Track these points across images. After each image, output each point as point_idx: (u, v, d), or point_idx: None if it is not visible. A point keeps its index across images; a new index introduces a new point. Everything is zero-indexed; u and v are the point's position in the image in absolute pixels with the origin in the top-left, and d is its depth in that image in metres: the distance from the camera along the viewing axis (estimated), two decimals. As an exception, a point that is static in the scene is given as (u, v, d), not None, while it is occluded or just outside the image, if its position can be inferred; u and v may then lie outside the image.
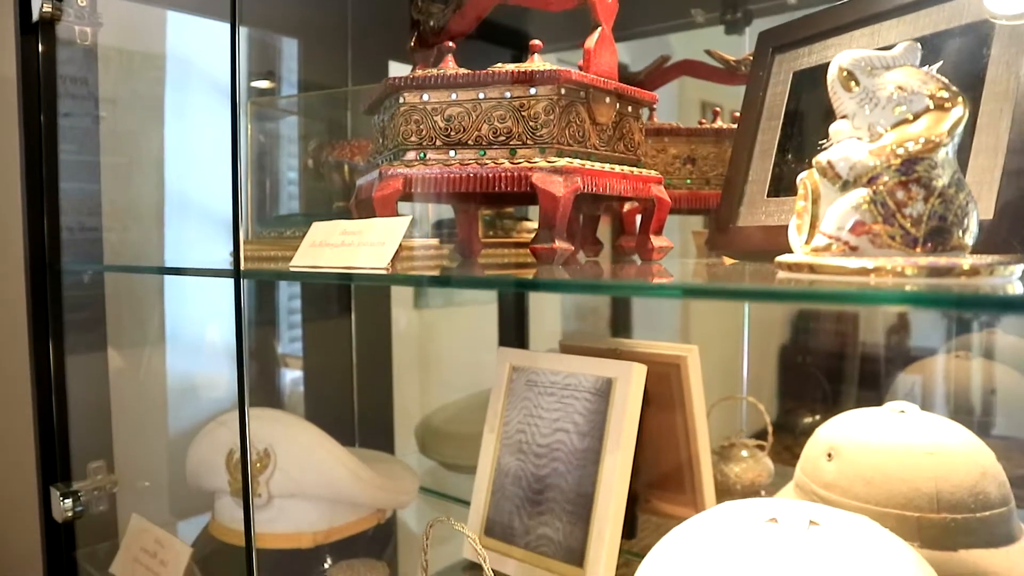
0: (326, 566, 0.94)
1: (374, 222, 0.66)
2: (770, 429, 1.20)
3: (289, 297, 1.57)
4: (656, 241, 0.81)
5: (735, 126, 0.95)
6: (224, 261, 0.83)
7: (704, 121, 1.07)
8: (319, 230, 0.71)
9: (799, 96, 0.78)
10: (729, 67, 1.11)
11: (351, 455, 1.00)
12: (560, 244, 0.67)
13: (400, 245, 0.62)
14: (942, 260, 0.40)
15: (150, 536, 0.96)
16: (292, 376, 1.50)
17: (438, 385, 1.67)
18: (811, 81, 0.77)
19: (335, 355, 1.46)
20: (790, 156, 0.76)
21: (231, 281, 0.74)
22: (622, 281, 0.65)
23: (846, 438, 0.85)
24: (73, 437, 1.09)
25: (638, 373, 0.89)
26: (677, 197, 0.99)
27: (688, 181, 1.04)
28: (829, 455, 0.85)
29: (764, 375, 1.60)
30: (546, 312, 1.81)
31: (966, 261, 0.40)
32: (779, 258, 0.49)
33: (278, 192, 1.25)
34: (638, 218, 0.91)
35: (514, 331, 1.63)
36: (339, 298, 1.48)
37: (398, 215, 0.67)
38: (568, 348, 1.03)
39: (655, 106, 1.04)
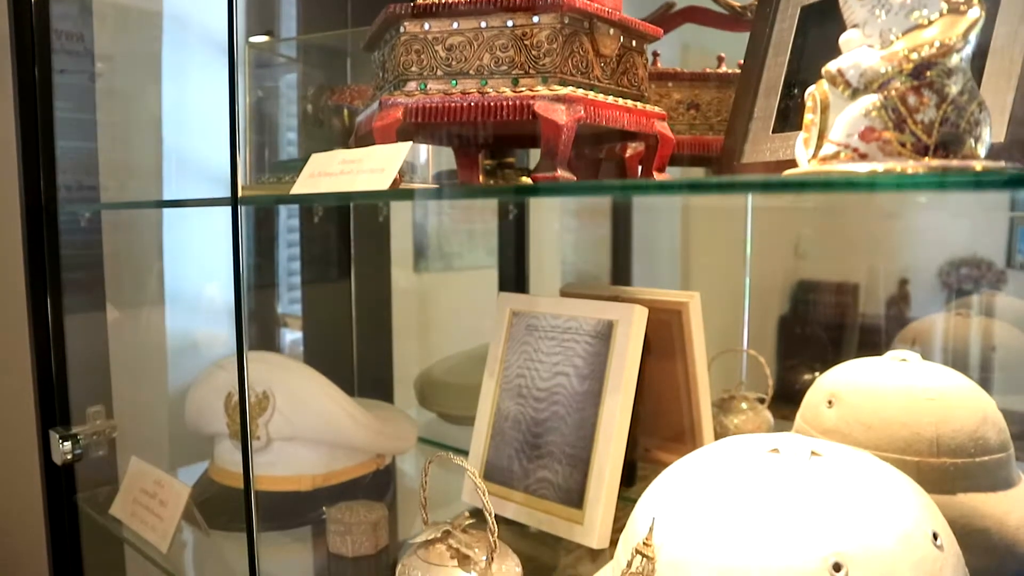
0: (325, 508, 0.93)
1: (373, 149, 0.65)
2: (770, 382, 1.20)
3: (289, 259, 1.56)
4: (659, 178, 0.80)
5: (739, 71, 0.93)
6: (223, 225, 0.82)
7: (709, 70, 1.05)
8: (317, 160, 0.70)
9: (807, 31, 0.77)
10: (735, 13, 1.09)
11: (350, 399, 1.00)
12: (562, 173, 0.66)
13: (399, 173, 0.61)
14: (954, 163, 0.39)
15: (149, 477, 0.96)
16: (292, 336, 1.50)
17: (437, 345, 1.66)
18: (819, 15, 0.76)
19: (335, 317, 1.46)
20: (796, 91, 0.74)
21: (231, 245, 0.73)
22: (626, 181, 0.64)
23: (847, 385, 0.85)
24: (72, 382, 1.09)
25: (639, 315, 0.88)
26: (680, 143, 0.98)
27: (691, 127, 1.03)
28: (829, 402, 0.85)
29: (765, 333, 1.59)
30: (545, 271, 1.80)
31: (979, 164, 0.39)
32: (785, 173, 0.48)
33: (277, 140, 1.24)
34: (639, 169, 0.90)
35: (514, 291, 1.62)
36: (339, 261, 1.48)
37: (398, 146, 0.66)
38: (568, 294, 1.02)
39: (658, 54, 1.02)
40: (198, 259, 1.36)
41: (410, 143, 0.63)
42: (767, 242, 1.54)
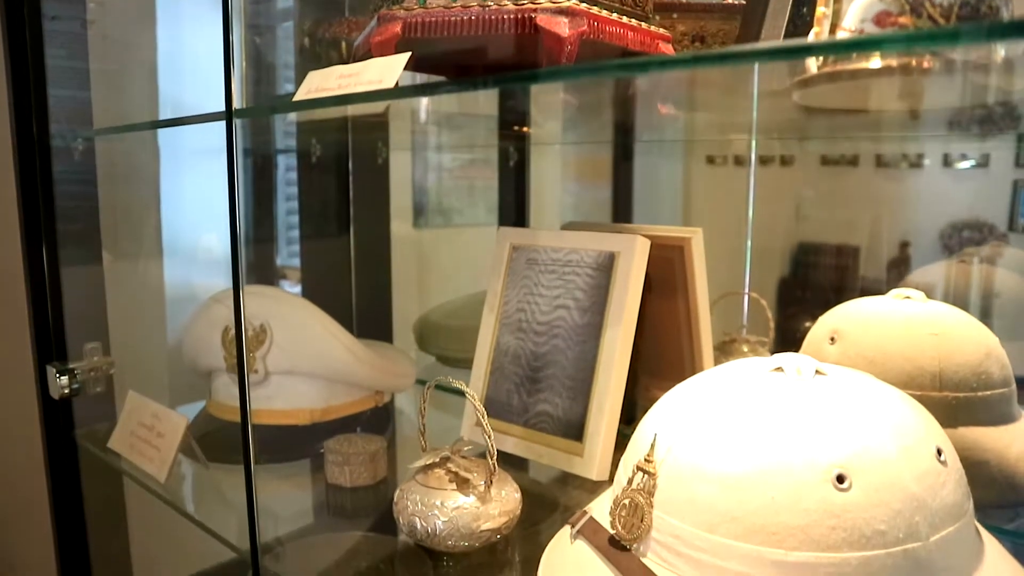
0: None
1: (371, 62, 0.63)
2: (771, 325, 1.19)
3: (288, 212, 1.55)
4: (663, 110, 0.78)
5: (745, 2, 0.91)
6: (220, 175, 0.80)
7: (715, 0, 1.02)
8: (315, 77, 0.68)
9: (817, -51, 0.75)
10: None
11: (349, 334, 0.99)
12: (564, 96, 0.65)
13: (397, 81, 0.60)
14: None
15: (147, 410, 0.95)
16: (291, 290, 1.49)
17: (436, 299, 1.65)
18: (830, -68, 0.73)
19: (334, 271, 1.45)
20: (805, 10, 0.72)
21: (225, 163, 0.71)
22: (625, 60, 0.63)
23: (850, 321, 0.84)
24: (68, 319, 1.08)
25: (641, 246, 0.87)
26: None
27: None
28: (832, 338, 0.84)
29: (766, 279, 1.58)
30: (545, 218, 1.79)
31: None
32: (796, 79, 0.47)
33: (274, 76, 1.22)
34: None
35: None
36: (338, 216, 1.46)
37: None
38: (569, 229, 1.01)
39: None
40: (196, 201, 1.34)
41: (409, 53, 0.61)
42: (768, 205, 1.53)
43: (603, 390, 0.85)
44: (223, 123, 0.71)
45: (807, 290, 1.64)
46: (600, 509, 0.63)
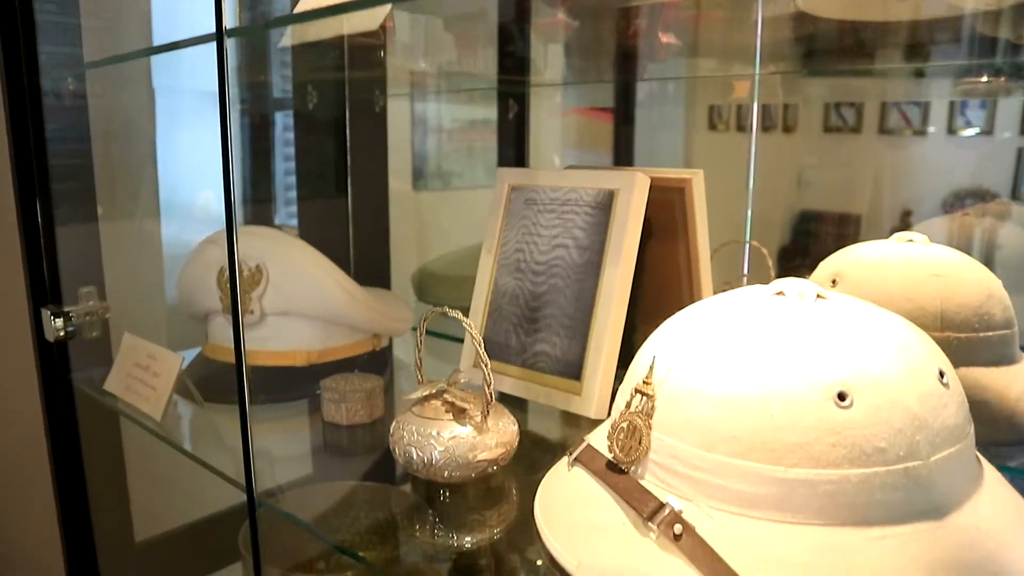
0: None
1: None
2: (772, 274, 1.18)
3: (286, 172, 1.54)
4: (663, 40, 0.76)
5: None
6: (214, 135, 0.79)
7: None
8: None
9: None
10: None
11: (346, 276, 0.98)
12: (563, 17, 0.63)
13: None
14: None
15: (142, 350, 0.95)
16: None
17: (436, 248, 1.64)
18: None
19: (332, 231, 1.43)
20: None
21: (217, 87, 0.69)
22: None
23: (852, 263, 0.83)
24: (62, 264, 1.07)
25: (641, 183, 0.86)
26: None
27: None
28: (833, 281, 0.83)
29: (767, 247, 1.57)
30: (545, 160, 1.77)
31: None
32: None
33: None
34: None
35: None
36: (337, 177, 1.44)
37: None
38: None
39: None
40: (192, 151, 1.33)
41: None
42: (770, 172, 1.51)
43: (602, 328, 0.84)
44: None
45: (807, 259, 1.63)
46: (598, 439, 0.62)
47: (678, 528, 0.49)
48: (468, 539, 0.64)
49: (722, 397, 0.51)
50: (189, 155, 1.35)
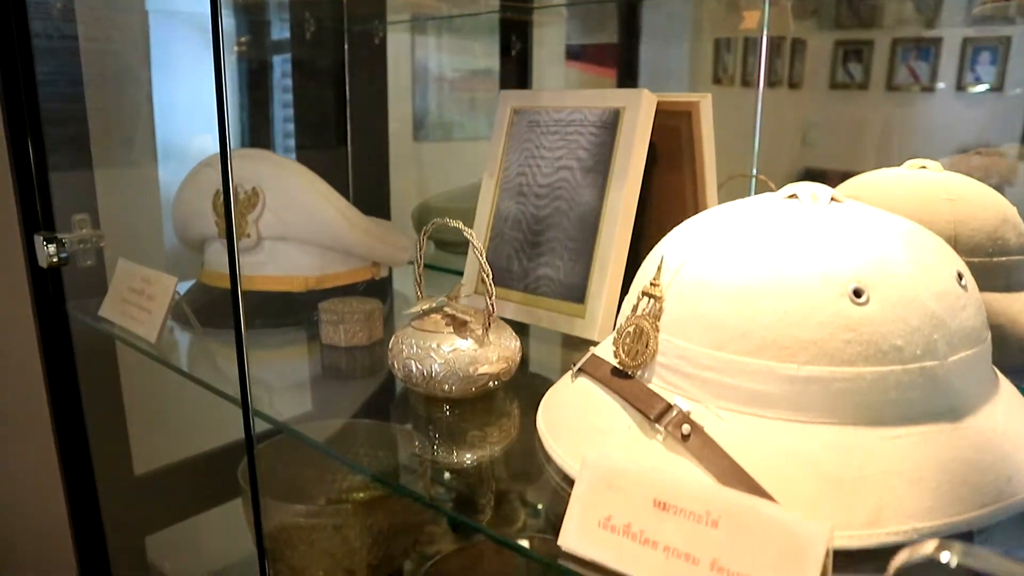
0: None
1: None
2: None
3: (284, 119, 1.51)
4: None
5: None
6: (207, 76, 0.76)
7: None
8: None
9: None
10: None
11: (345, 201, 0.96)
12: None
13: None
14: None
15: (137, 275, 0.93)
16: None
17: (436, 186, 1.62)
18: None
19: (331, 181, 1.40)
20: None
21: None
22: None
23: (864, 188, 0.81)
24: (55, 190, 1.04)
25: (647, 101, 0.83)
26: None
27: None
28: (844, 205, 0.81)
29: (775, 167, 1.54)
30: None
31: None
32: None
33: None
34: None
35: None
36: (336, 126, 1.41)
37: None
38: (573, 94, 0.97)
39: None
40: (187, 73, 1.30)
41: None
42: (775, 129, 1.48)
43: (606, 249, 0.82)
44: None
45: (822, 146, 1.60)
46: (603, 349, 0.61)
47: (686, 428, 0.48)
48: (468, 456, 0.62)
49: (733, 293, 0.49)
50: (184, 84, 1.32)
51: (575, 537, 0.44)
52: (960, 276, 0.53)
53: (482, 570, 0.93)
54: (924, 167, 0.83)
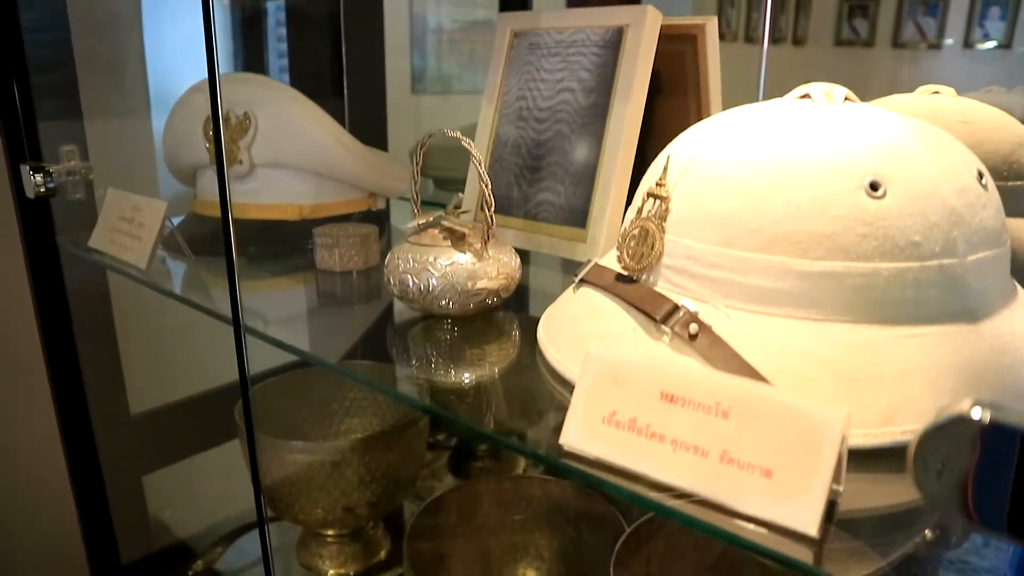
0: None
1: None
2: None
3: (279, 70, 1.48)
4: None
5: None
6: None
7: None
8: None
9: None
10: None
11: (340, 128, 0.93)
12: None
13: None
14: None
15: (127, 203, 0.90)
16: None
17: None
18: None
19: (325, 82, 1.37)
20: None
21: None
22: None
23: (876, 111, 0.79)
24: (40, 120, 1.01)
25: (652, 17, 0.80)
26: None
27: None
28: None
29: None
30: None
31: None
32: None
33: None
34: None
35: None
36: (332, 78, 1.38)
37: None
38: (575, 15, 0.93)
39: None
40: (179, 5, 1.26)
41: None
42: (779, 86, 1.44)
43: (609, 171, 0.80)
44: None
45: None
46: (607, 261, 0.59)
47: (693, 328, 0.46)
48: (468, 372, 0.60)
49: (743, 188, 0.47)
50: (176, 19, 1.29)
51: (577, 434, 0.42)
52: (981, 175, 0.51)
53: (481, 509, 0.92)
54: (937, 92, 0.80)
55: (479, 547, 0.90)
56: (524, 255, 0.85)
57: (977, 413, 0.25)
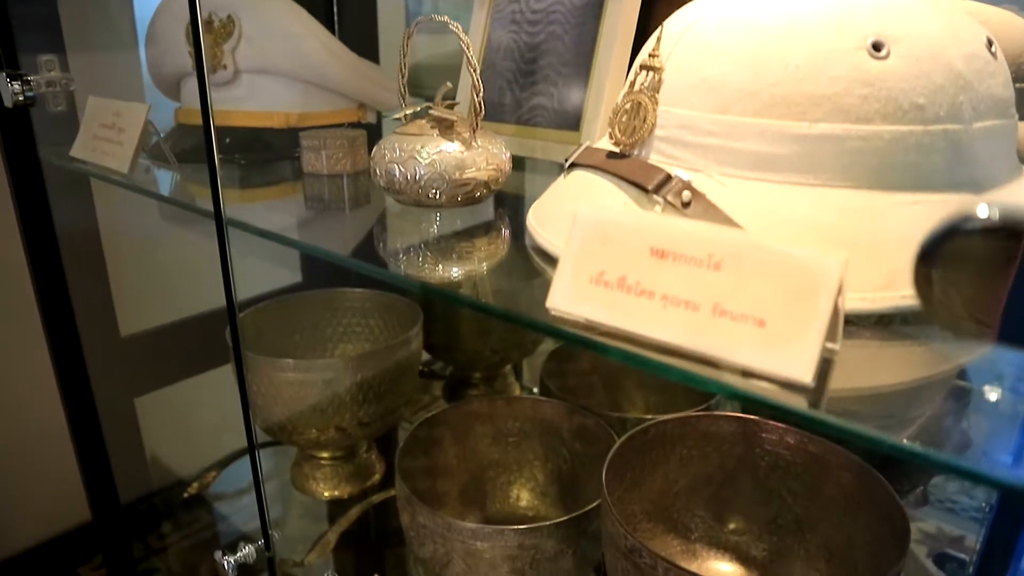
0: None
1: None
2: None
3: None
4: None
5: None
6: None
7: None
8: None
9: None
10: None
11: (329, 33, 0.90)
12: None
13: None
14: None
15: (108, 110, 0.88)
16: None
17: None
18: None
19: None
20: None
21: None
22: None
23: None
24: (17, 28, 0.98)
25: (651, -91, 0.77)
26: None
27: None
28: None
29: None
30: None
31: None
32: None
33: None
34: None
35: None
36: (324, 15, 1.33)
37: None
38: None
39: None
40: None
41: None
42: None
43: (603, 72, 0.77)
44: None
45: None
46: (598, 144, 0.57)
47: (686, 195, 0.44)
48: (456, 257, 0.59)
49: (739, 51, 0.45)
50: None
51: (565, 297, 0.41)
52: (990, 43, 0.48)
53: (474, 429, 0.91)
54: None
55: (472, 466, 0.89)
56: (519, 163, 0.83)
57: (984, 211, 0.24)
